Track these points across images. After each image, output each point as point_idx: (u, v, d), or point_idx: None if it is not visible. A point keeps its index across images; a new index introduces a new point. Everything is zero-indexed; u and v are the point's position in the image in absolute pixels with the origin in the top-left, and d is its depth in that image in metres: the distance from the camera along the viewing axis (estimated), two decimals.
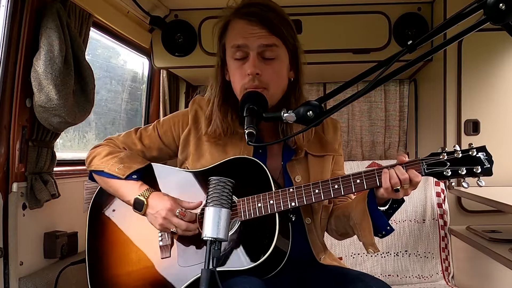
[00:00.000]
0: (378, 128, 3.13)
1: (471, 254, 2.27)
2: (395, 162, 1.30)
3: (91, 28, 1.92)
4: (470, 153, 1.25)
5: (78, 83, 1.77)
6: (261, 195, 1.33)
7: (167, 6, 2.61)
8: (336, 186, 1.31)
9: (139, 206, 1.40)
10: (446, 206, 2.48)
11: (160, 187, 1.49)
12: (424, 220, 2.49)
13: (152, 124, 1.58)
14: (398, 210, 1.39)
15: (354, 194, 1.39)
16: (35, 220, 1.74)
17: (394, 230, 1.36)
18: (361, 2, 2.59)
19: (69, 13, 1.73)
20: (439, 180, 1.81)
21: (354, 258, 2.46)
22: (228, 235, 1.15)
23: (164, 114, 2.83)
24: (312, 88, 3.09)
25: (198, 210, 1.41)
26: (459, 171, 1.25)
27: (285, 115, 1.21)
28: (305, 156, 1.48)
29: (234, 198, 1.33)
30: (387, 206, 1.36)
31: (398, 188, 1.25)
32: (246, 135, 1.20)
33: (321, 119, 1.19)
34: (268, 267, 1.31)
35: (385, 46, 2.64)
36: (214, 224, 1.09)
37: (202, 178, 1.44)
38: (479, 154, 1.25)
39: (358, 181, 1.30)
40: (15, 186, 1.64)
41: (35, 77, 1.60)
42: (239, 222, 1.34)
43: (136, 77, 2.97)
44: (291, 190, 1.33)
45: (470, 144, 1.28)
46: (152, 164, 1.52)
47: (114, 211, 1.52)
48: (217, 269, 1.07)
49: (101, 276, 1.48)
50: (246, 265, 1.29)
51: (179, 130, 1.53)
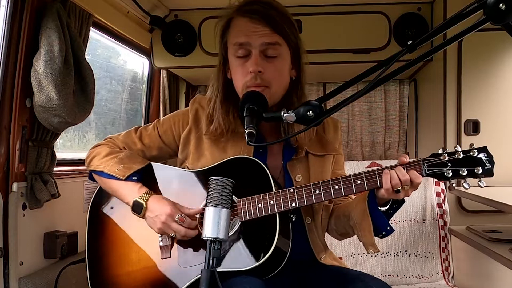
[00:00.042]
0: (378, 128, 3.13)
1: (471, 254, 2.27)
2: (395, 162, 1.30)
3: (91, 28, 1.92)
4: (471, 153, 1.24)
5: (78, 83, 1.77)
6: (261, 195, 1.32)
7: (167, 6, 2.61)
8: (336, 187, 1.30)
9: (138, 209, 1.40)
10: (446, 206, 2.48)
11: (159, 187, 1.49)
12: (424, 220, 2.49)
13: (152, 123, 1.58)
14: (398, 210, 1.38)
15: (354, 194, 1.39)
16: (35, 220, 1.74)
17: (394, 230, 1.36)
18: (361, 2, 2.59)
19: (69, 13, 1.73)
20: (440, 181, 1.81)
21: (354, 258, 2.46)
22: (228, 235, 1.15)
23: (164, 114, 2.82)
24: (312, 88, 3.09)
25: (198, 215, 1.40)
26: (460, 172, 1.24)
27: (285, 115, 1.21)
28: (305, 156, 1.48)
29: (235, 198, 1.33)
30: (388, 207, 1.36)
31: (399, 189, 1.25)
32: (246, 135, 1.20)
33: (321, 119, 1.19)
34: (269, 267, 1.31)
35: (385, 46, 2.64)
36: (214, 224, 1.09)
37: (202, 178, 1.44)
38: (480, 155, 1.24)
39: (359, 181, 1.29)
40: (15, 186, 1.64)
41: (35, 77, 1.60)
42: (240, 223, 1.34)
43: (136, 77, 2.97)
44: (292, 190, 1.32)
45: (471, 145, 1.26)
46: (152, 163, 1.52)
47: (114, 211, 1.52)
48: (217, 269, 1.07)
49: (101, 276, 1.48)
50: (247, 265, 1.29)
51: (180, 129, 1.52)
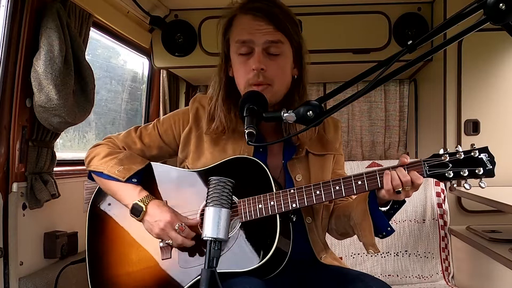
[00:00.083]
0: (378, 128, 3.13)
1: (471, 254, 2.27)
2: (395, 162, 1.30)
3: (91, 28, 1.92)
4: (472, 154, 1.23)
5: (78, 83, 1.77)
6: (261, 196, 1.32)
7: (167, 6, 2.61)
8: (337, 188, 1.30)
9: (137, 212, 1.39)
10: (446, 206, 2.48)
11: (159, 187, 1.48)
12: (424, 220, 2.49)
13: (152, 122, 1.57)
14: (399, 210, 1.38)
15: (355, 194, 1.38)
16: (35, 220, 1.74)
17: (394, 231, 1.36)
18: (361, 2, 2.59)
19: (69, 13, 1.73)
20: (440, 181, 1.80)
21: (354, 258, 2.46)
22: (228, 235, 1.15)
23: (164, 114, 2.80)
24: (312, 88, 3.09)
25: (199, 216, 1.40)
26: (461, 173, 1.23)
27: (285, 115, 1.21)
28: (305, 155, 1.48)
29: (235, 198, 1.33)
30: (388, 207, 1.35)
31: (400, 190, 1.24)
32: (246, 135, 1.20)
33: (321, 119, 1.19)
34: (270, 268, 1.31)
35: (385, 46, 2.64)
36: (214, 224, 1.09)
37: (202, 178, 1.43)
38: (481, 155, 1.23)
39: (360, 182, 1.29)
40: (15, 186, 1.64)
41: (35, 77, 1.59)
42: (240, 223, 1.34)
43: (136, 77, 2.97)
44: (292, 191, 1.32)
45: (472, 145, 1.25)
46: (151, 163, 1.51)
47: (114, 211, 1.51)
48: (218, 270, 1.07)
49: (101, 276, 1.48)
50: (248, 266, 1.28)
51: (180, 129, 1.52)
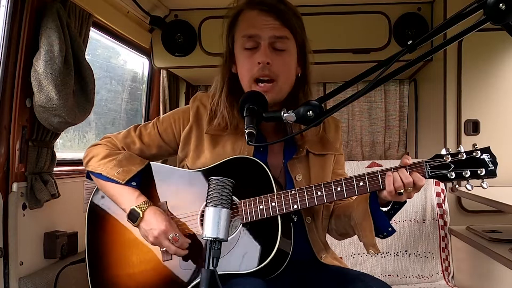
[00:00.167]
0: (378, 128, 3.13)
1: (471, 254, 2.27)
2: (395, 162, 1.30)
3: (91, 28, 1.92)
4: (474, 154, 1.22)
5: (78, 83, 1.77)
6: (262, 197, 1.32)
7: (167, 6, 2.61)
8: (338, 189, 1.30)
9: (133, 218, 1.39)
10: (446, 206, 2.48)
11: (159, 187, 1.48)
12: (424, 220, 2.48)
13: (152, 121, 1.55)
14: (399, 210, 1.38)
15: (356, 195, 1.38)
16: (35, 220, 1.74)
17: (395, 231, 1.35)
18: (361, 2, 2.59)
19: (69, 13, 1.73)
20: (442, 182, 1.79)
21: (354, 258, 2.46)
22: (229, 236, 1.14)
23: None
24: (312, 88, 3.09)
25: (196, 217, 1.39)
26: (463, 174, 1.22)
27: (285, 115, 1.21)
28: (306, 155, 1.47)
29: (236, 199, 1.32)
30: (389, 207, 1.35)
31: (402, 191, 1.24)
32: (246, 135, 1.19)
33: (321, 119, 1.19)
34: (271, 268, 1.30)
35: (385, 46, 2.64)
36: (214, 224, 1.09)
37: (202, 178, 1.43)
38: (483, 156, 1.22)
39: (361, 183, 1.28)
40: (15, 186, 1.64)
41: (35, 77, 1.59)
42: (241, 224, 1.33)
43: (136, 77, 2.97)
44: (293, 192, 1.31)
45: (474, 145, 1.24)
46: (151, 163, 1.50)
47: (114, 211, 1.50)
48: (219, 272, 1.07)
49: (101, 277, 1.48)
50: (249, 268, 1.28)
51: (180, 128, 1.51)
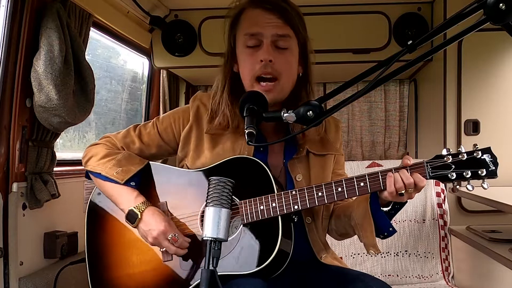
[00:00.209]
0: (378, 128, 3.13)
1: (471, 254, 2.27)
2: (395, 162, 1.30)
3: (91, 28, 1.92)
4: (475, 155, 1.22)
5: (78, 83, 1.77)
6: (263, 197, 1.31)
7: (167, 6, 2.61)
8: (339, 189, 1.29)
9: (132, 219, 1.39)
10: (446, 206, 2.48)
11: (159, 187, 1.47)
12: (424, 220, 2.48)
13: (152, 121, 1.55)
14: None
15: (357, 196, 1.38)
16: (35, 220, 1.74)
17: (396, 231, 1.35)
18: (361, 2, 2.60)
19: (69, 13, 1.73)
20: (443, 182, 1.79)
21: (354, 258, 2.46)
22: (229, 236, 1.14)
23: None
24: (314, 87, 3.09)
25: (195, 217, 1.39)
26: (464, 174, 1.22)
27: (285, 115, 1.21)
28: (306, 155, 1.47)
29: (236, 199, 1.32)
30: (389, 207, 1.35)
31: (403, 192, 1.24)
32: (246, 135, 1.19)
33: (321, 119, 1.19)
34: (271, 269, 1.30)
35: (385, 46, 2.64)
36: (214, 224, 1.09)
37: (202, 178, 1.43)
38: (484, 156, 1.21)
39: (362, 184, 1.28)
40: (15, 186, 1.64)
41: (35, 77, 1.59)
42: (242, 225, 1.33)
43: (136, 77, 2.97)
44: (294, 192, 1.31)
45: (474, 145, 1.24)
46: (151, 163, 1.50)
47: (114, 211, 1.50)
48: (220, 273, 1.07)
49: (101, 277, 1.47)
50: (250, 269, 1.28)
51: (180, 127, 1.50)
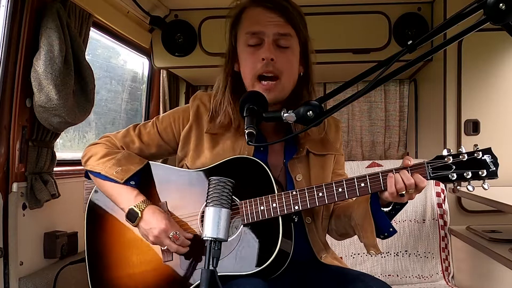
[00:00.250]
0: (378, 128, 3.13)
1: (471, 254, 2.27)
2: (395, 161, 1.29)
3: (91, 28, 1.92)
4: (475, 155, 1.22)
5: (78, 83, 1.77)
6: (263, 197, 1.31)
7: (167, 6, 2.61)
8: (340, 190, 1.29)
9: (132, 218, 1.38)
10: (446, 206, 2.48)
11: (159, 187, 1.47)
12: (424, 220, 2.48)
13: (151, 120, 1.55)
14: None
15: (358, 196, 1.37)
16: (35, 220, 1.74)
17: (396, 231, 1.35)
18: (361, 2, 2.59)
19: (69, 13, 1.73)
20: (444, 183, 1.79)
21: (354, 258, 2.46)
22: (230, 236, 1.14)
23: None
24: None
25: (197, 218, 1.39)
26: (465, 175, 1.22)
27: (285, 115, 1.21)
28: (306, 155, 1.47)
29: (236, 200, 1.32)
30: (390, 207, 1.35)
31: (404, 193, 1.25)
32: (246, 135, 1.19)
33: (321, 119, 1.19)
34: (272, 269, 1.30)
35: (385, 46, 2.64)
36: (214, 224, 1.09)
37: (202, 178, 1.43)
38: (485, 157, 1.21)
39: (363, 184, 1.28)
40: (15, 186, 1.64)
41: (35, 77, 1.60)
42: (242, 225, 1.32)
43: (136, 77, 2.97)
44: (294, 193, 1.31)
45: (475, 146, 1.24)
46: (151, 163, 1.50)
47: (114, 211, 1.50)
48: (220, 274, 1.06)
49: (101, 277, 1.47)
50: (250, 269, 1.27)
51: (180, 127, 1.50)
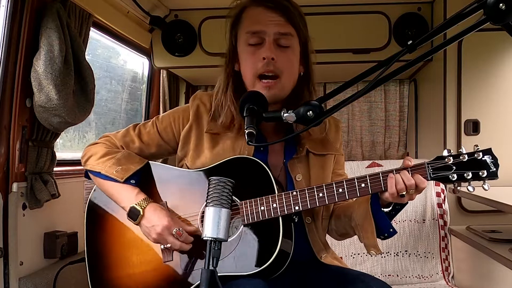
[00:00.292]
0: (378, 128, 3.13)
1: (471, 254, 2.27)
2: (395, 161, 1.29)
3: (91, 28, 1.92)
4: (475, 156, 1.22)
5: (78, 83, 1.77)
6: (264, 198, 1.31)
7: (167, 6, 2.61)
8: (340, 190, 1.29)
9: (134, 216, 1.38)
10: (446, 206, 2.48)
11: (159, 187, 1.47)
12: (424, 220, 2.48)
13: (151, 120, 1.54)
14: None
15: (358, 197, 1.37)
16: (35, 220, 1.74)
17: (397, 232, 1.35)
18: (361, 2, 2.59)
19: (69, 13, 1.73)
20: (444, 184, 1.79)
21: (354, 258, 2.46)
22: (230, 236, 1.13)
23: None
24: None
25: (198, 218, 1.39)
26: (465, 175, 1.22)
27: (285, 115, 1.21)
28: (306, 155, 1.47)
29: (237, 200, 1.32)
30: (390, 208, 1.35)
31: (404, 193, 1.25)
32: (246, 135, 1.19)
33: (321, 119, 1.19)
34: (272, 269, 1.30)
35: (385, 46, 2.64)
36: (214, 224, 1.09)
37: (202, 178, 1.43)
38: (485, 157, 1.21)
39: (363, 185, 1.28)
40: (15, 186, 1.64)
41: (35, 77, 1.60)
42: (242, 226, 1.32)
43: (136, 77, 2.97)
44: (295, 193, 1.31)
45: (475, 146, 1.24)
46: (150, 163, 1.49)
47: (114, 211, 1.50)
48: (221, 274, 1.06)
49: (101, 277, 1.47)
50: (251, 270, 1.27)
51: (180, 126, 1.50)
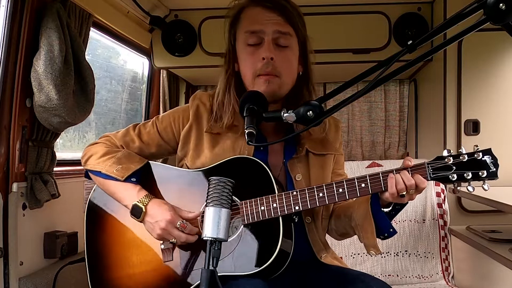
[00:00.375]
0: (378, 128, 3.13)
1: (471, 254, 2.27)
2: (395, 162, 1.30)
3: (91, 28, 1.92)
4: (475, 156, 1.22)
5: (78, 83, 1.77)
6: (264, 198, 1.31)
7: (167, 6, 2.61)
8: (340, 190, 1.29)
9: (137, 213, 1.37)
10: (446, 206, 2.48)
11: (159, 187, 1.47)
12: (424, 220, 2.49)
13: (151, 120, 1.55)
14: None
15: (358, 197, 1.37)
16: (35, 220, 1.74)
17: (397, 232, 1.35)
18: (361, 2, 2.60)
19: (69, 13, 1.73)
20: (444, 184, 1.79)
21: (354, 258, 2.46)
22: (230, 236, 1.13)
23: None
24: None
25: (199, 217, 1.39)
26: (465, 176, 1.22)
27: (285, 115, 1.21)
28: (306, 155, 1.47)
29: (237, 200, 1.32)
30: (390, 208, 1.35)
31: (404, 193, 1.25)
32: (246, 135, 1.19)
33: (321, 119, 1.19)
34: (272, 269, 1.30)
35: (385, 46, 2.64)
36: (214, 224, 1.09)
37: (202, 178, 1.43)
38: (485, 157, 1.22)
39: (363, 185, 1.28)
40: (15, 186, 1.64)
41: (35, 77, 1.60)
42: (242, 226, 1.32)
43: (136, 77, 2.97)
44: (295, 193, 1.31)
45: (475, 146, 1.24)
46: (150, 163, 1.49)
47: (114, 211, 1.50)
48: (221, 274, 1.06)
49: (101, 277, 1.47)
50: (250, 270, 1.27)
51: (180, 126, 1.50)
